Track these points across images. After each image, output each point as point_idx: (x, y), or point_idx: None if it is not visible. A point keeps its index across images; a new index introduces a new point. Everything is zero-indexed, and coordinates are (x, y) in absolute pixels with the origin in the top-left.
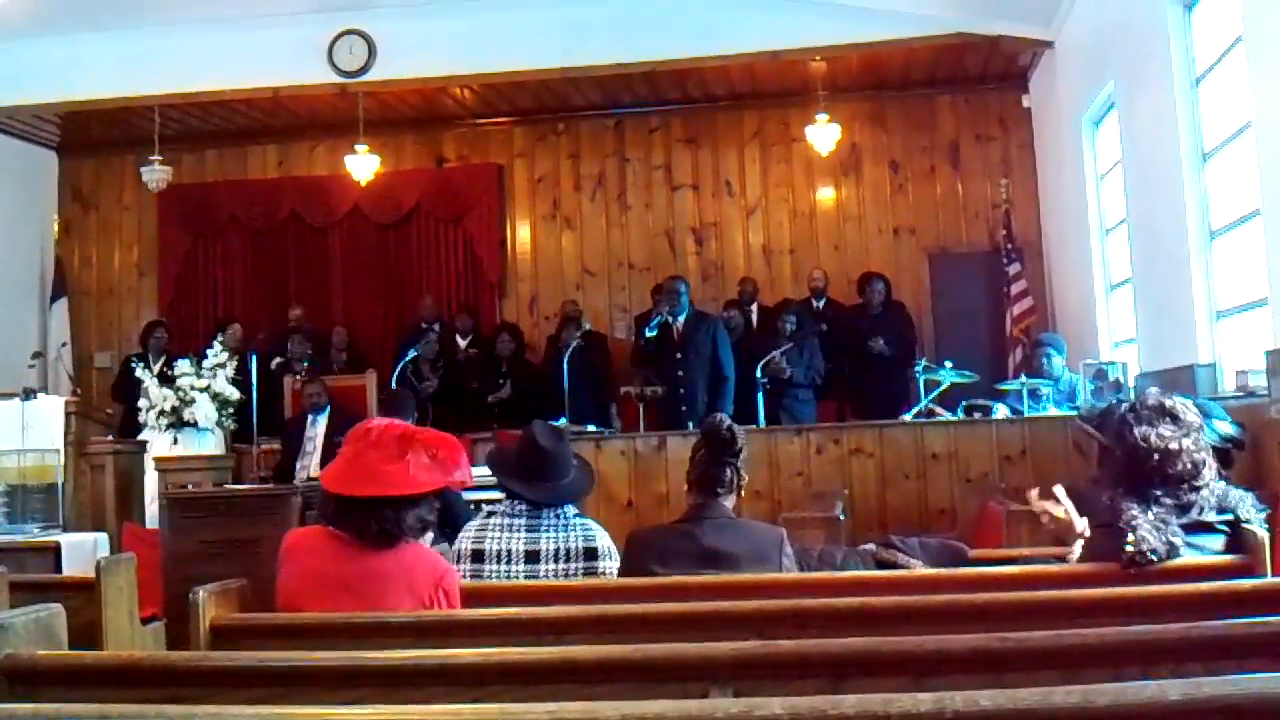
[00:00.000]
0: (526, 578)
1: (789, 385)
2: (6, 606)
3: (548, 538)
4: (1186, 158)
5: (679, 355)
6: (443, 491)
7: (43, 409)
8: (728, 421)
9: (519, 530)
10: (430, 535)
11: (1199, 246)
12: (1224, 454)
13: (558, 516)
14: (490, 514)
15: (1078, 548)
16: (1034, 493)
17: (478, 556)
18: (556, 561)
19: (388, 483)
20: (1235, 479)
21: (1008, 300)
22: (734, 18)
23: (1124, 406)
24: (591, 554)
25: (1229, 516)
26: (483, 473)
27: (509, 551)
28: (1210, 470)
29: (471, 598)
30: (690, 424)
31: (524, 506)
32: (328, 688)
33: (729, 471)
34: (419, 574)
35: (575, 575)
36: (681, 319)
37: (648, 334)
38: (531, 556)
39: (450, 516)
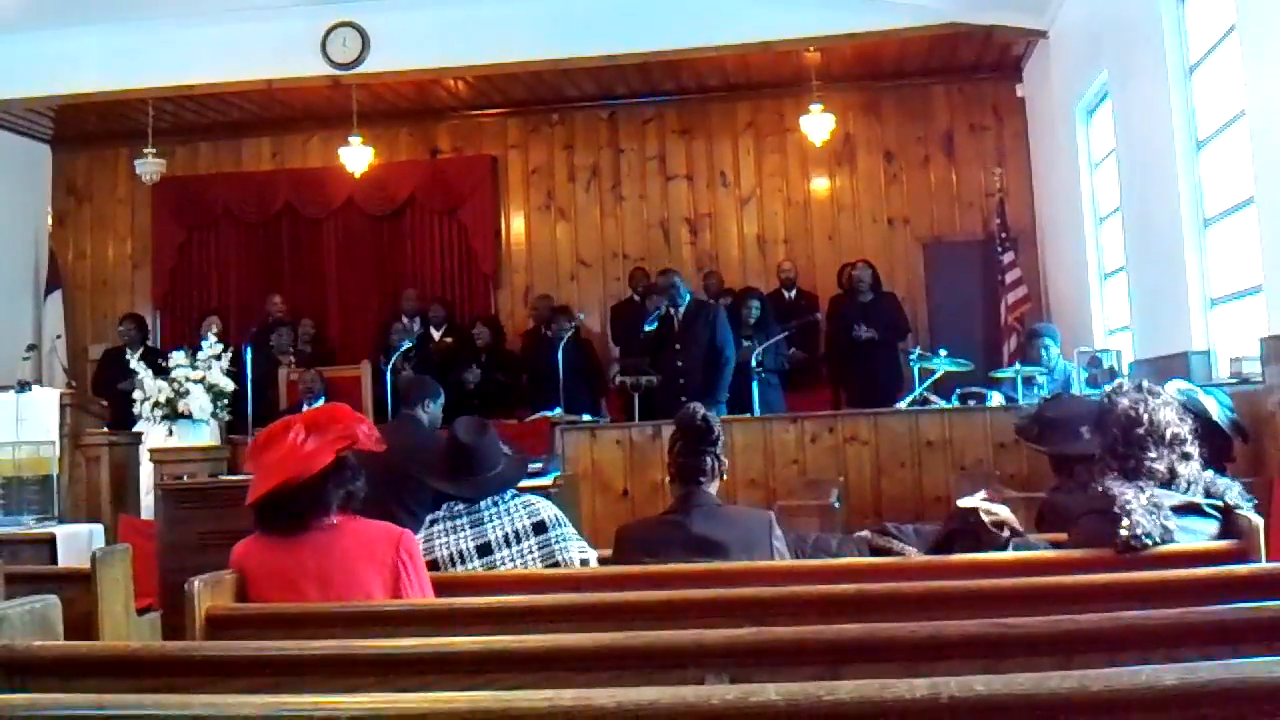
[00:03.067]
0: (485, 570)
1: (758, 369)
2: (2, 598)
3: (493, 526)
4: (1180, 146)
5: (678, 346)
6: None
7: (37, 401)
8: (702, 411)
9: (463, 529)
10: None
11: (1193, 234)
12: (1224, 443)
13: (496, 504)
14: (432, 522)
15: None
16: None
17: (432, 566)
18: (509, 546)
19: (283, 468)
20: (1231, 467)
21: (1002, 289)
22: (728, 8)
23: (1100, 398)
24: (540, 527)
25: (1219, 501)
26: None
27: (460, 552)
28: (1195, 444)
29: (464, 587)
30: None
31: (461, 506)
32: (323, 677)
33: (709, 460)
34: (377, 544)
35: (531, 554)
36: (682, 309)
37: (647, 328)
38: (483, 550)
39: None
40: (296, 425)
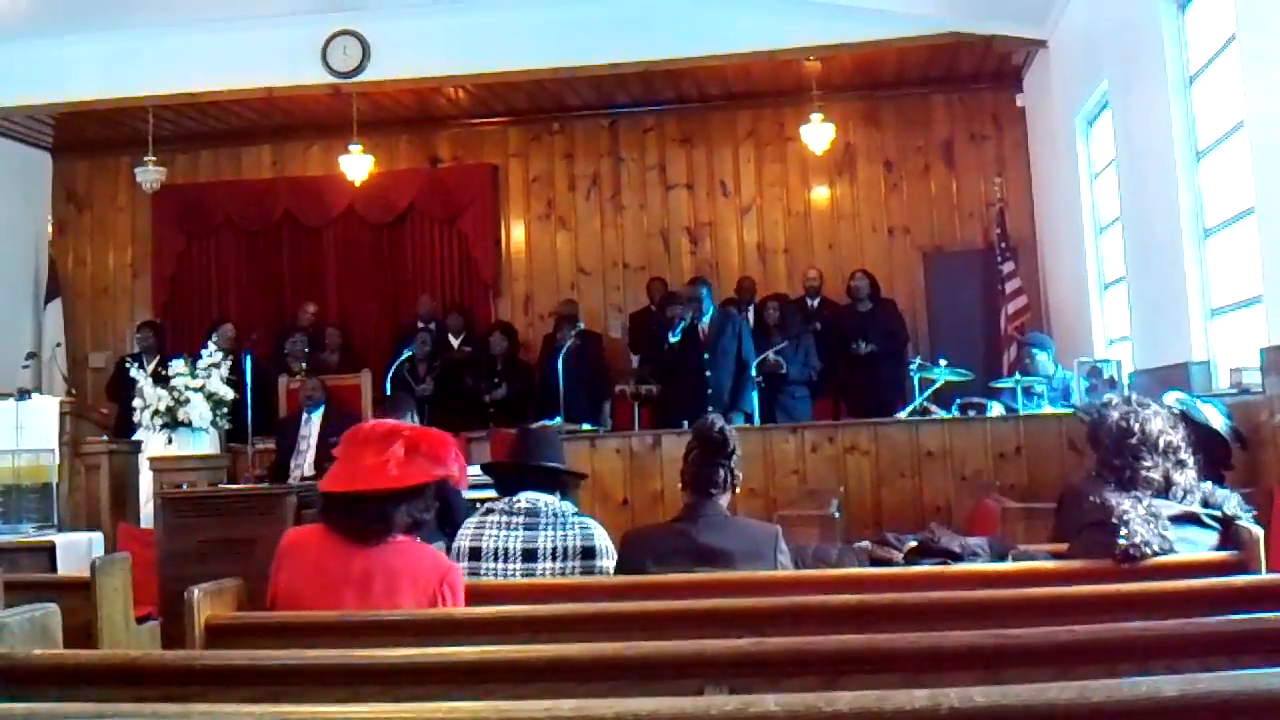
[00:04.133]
0: (523, 576)
1: (785, 382)
2: (2, 606)
3: (545, 535)
4: (1180, 156)
5: (706, 355)
6: (444, 490)
7: (37, 409)
8: (720, 423)
9: (516, 529)
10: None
11: (1193, 245)
12: (1221, 450)
13: (556, 515)
14: (488, 511)
15: None
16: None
17: (475, 554)
18: (554, 560)
19: (367, 478)
20: (1229, 477)
21: (1002, 298)
22: (729, 17)
23: (1089, 417)
24: (590, 553)
25: (1218, 512)
26: (477, 471)
27: (506, 550)
28: (1189, 452)
29: (468, 595)
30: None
31: (523, 505)
32: (323, 686)
33: (722, 471)
34: (424, 570)
35: (572, 574)
36: (707, 319)
37: (671, 339)
38: (529, 555)
39: (451, 515)
40: (398, 441)
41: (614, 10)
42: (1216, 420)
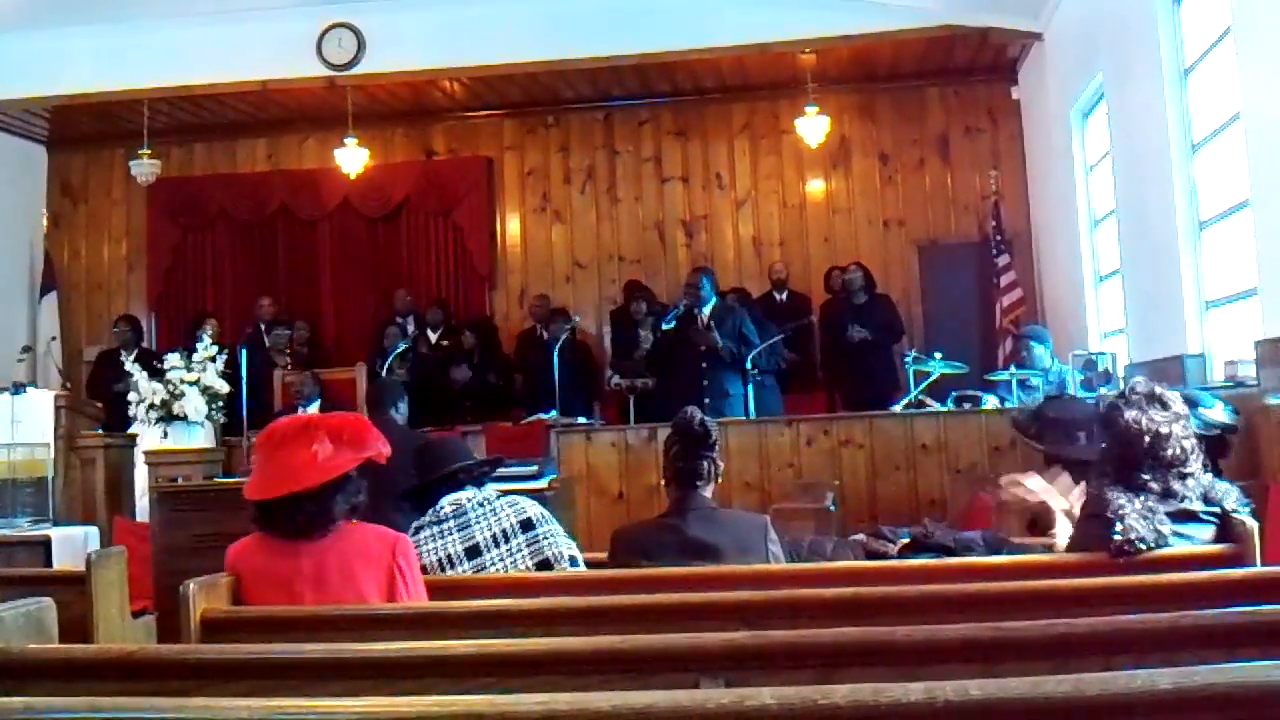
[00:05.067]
0: (474, 573)
1: (757, 372)
2: None
3: (480, 527)
4: (1175, 149)
5: (704, 347)
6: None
7: (32, 403)
8: (699, 416)
9: (450, 532)
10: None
11: (1188, 237)
12: (1220, 442)
13: (482, 505)
14: (418, 529)
15: (1062, 531)
16: (1006, 479)
17: (421, 571)
18: (497, 546)
19: (297, 478)
20: (1226, 470)
21: (997, 291)
22: (723, 10)
23: (1113, 394)
24: (528, 524)
25: (1216, 508)
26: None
27: (449, 556)
28: (1197, 460)
29: (459, 591)
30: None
31: (447, 509)
32: (318, 680)
33: (705, 464)
34: (373, 548)
35: (520, 553)
36: (707, 310)
37: (665, 325)
38: (472, 552)
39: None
40: (319, 432)
41: (609, 3)
42: (1222, 416)
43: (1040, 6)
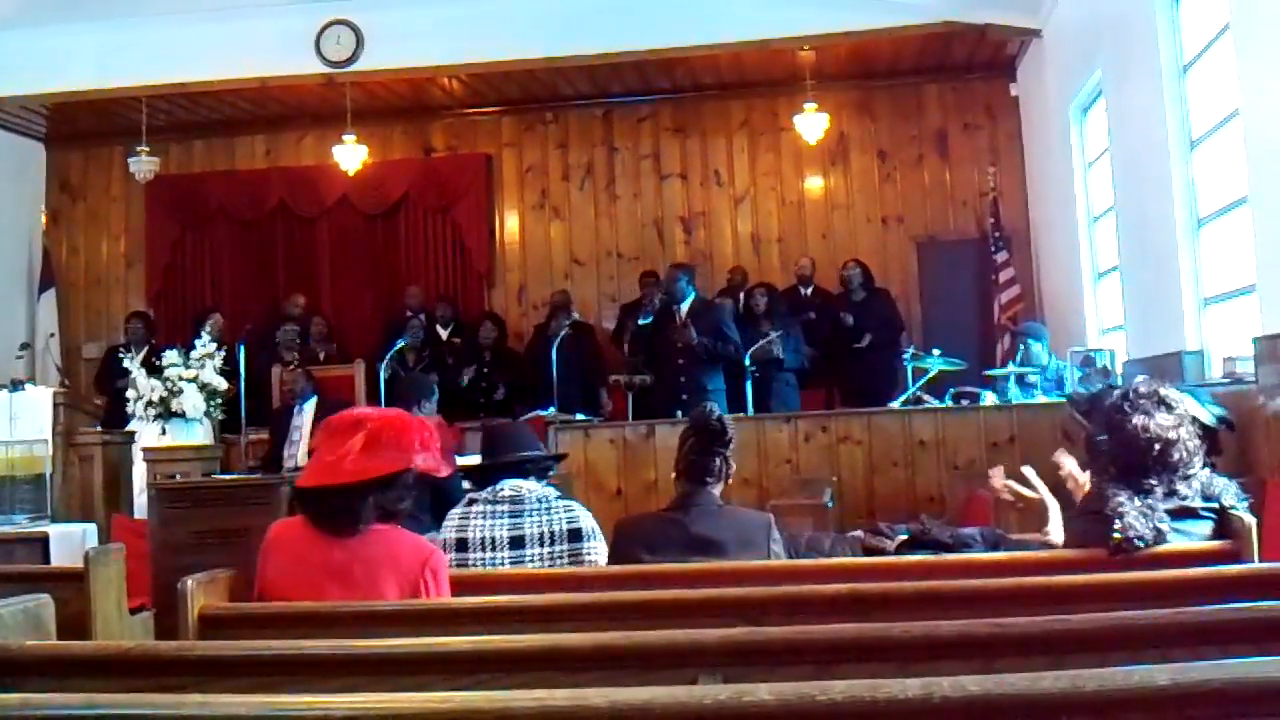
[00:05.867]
0: (512, 564)
1: (779, 369)
2: None
3: (531, 521)
4: (1174, 145)
5: (680, 344)
6: (442, 481)
7: (31, 400)
8: (718, 412)
9: (501, 516)
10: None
11: (1186, 234)
12: (1212, 438)
13: (540, 501)
14: (471, 501)
15: (1055, 527)
16: (996, 471)
17: (461, 545)
18: (541, 545)
19: (331, 473)
20: (1222, 466)
21: (995, 288)
22: (722, 6)
23: (1116, 394)
24: (576, 535)
25: (1214, 504)
26: (463, 462)
27: (492, 539)
28: (1199, 459)
29: (459, 586)
30: (679, 413)
31: (506, 493)
32: (316, 676)
33: (718, 461)
34: (404, 557)
35: (561, 558)
36: (685, 307)
37: (641, 321)
38: (516, 542)
39: (447, 506)
40: (360, 432)
41: (607, 0)
42: (1202, 414)
43: (1039, 3)
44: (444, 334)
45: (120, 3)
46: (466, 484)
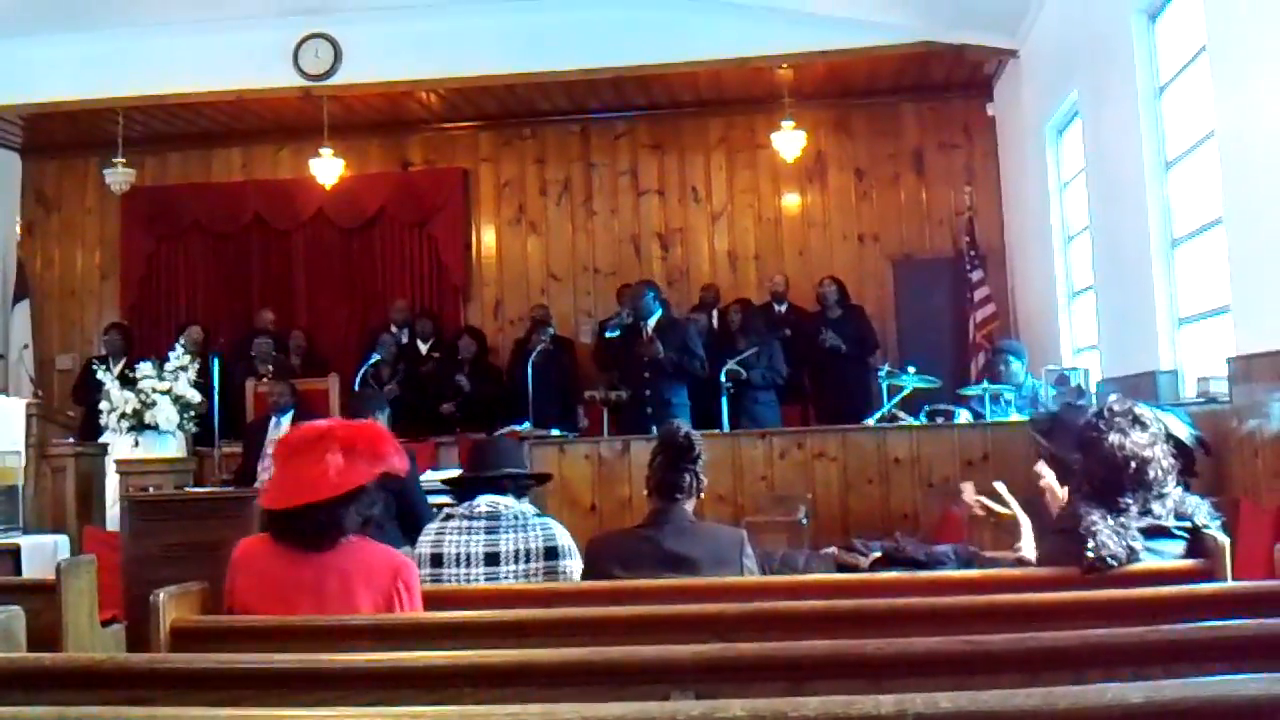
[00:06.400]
0: (487, 580)
1: (750, 388)
2: None
3: (507, 539)
4: (1149, 166)
5: (646, 359)
6: (408, 495)
7: (4, 411)
8: (685, 428)
9: (478, 533)
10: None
11: (1161, 254)
12: (1188, 458)
13: (516, 518)
14: (448, 517)
15: (1027, 543)
16: (967, 486)
17: (436, 560)
18: (517, 562)
19: (310, 489)
20: (1196, 485)
21: (971, 306)
22: (701, 24)
23: (1090, 412)
24: (552, 553)
25: (1187, 523)
26: (438, 476)
27: (468, 555)
28: (1173, 477)
29: (433, 601)
30: (652, 427)
31: (483, 509)
32: (288, 690)
33: (688, 477)
34: (377, 569)
35: (537, 575)
36: (652, 323)
37: (608, 334)
38: (491, 559)
39: (415, 520)
40: (333, 442)
41: (586, 16)
42: (1181, 432)
43: (1016, 24)
44: (424, 349)
45: (97, 14)
46: (435, 500)
